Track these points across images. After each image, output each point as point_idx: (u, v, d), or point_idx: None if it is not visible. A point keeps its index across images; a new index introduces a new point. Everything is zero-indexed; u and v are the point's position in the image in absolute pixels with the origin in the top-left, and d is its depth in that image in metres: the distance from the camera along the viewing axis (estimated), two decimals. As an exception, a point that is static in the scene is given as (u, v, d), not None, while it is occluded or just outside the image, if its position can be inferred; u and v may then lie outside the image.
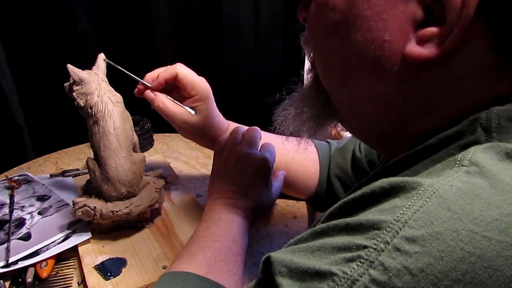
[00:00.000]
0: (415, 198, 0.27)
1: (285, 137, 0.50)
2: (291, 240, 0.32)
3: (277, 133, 0.51)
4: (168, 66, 0.68)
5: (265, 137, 0.69)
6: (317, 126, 0.46)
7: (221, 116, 0.71)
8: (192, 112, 0.67)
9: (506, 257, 0.24)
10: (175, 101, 0.68)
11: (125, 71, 0.68)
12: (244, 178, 0.61)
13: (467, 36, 0.30)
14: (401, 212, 0.26)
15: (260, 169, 0.62)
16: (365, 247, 0.26)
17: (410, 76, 0.33)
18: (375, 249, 0.26)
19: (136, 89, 0.69)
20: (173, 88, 0.69)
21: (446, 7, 0.29)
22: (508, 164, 0.28)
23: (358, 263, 0.26)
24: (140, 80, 0.68)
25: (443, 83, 0.33)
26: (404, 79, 0.34)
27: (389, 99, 0.36)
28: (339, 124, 0.46)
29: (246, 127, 0.69)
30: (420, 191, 0.27)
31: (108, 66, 0.69)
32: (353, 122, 0.43)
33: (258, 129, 0.68)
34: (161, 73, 0.67)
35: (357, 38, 0.34)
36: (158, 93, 0.67)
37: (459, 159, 0.29)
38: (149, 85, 0.68)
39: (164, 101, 0.67)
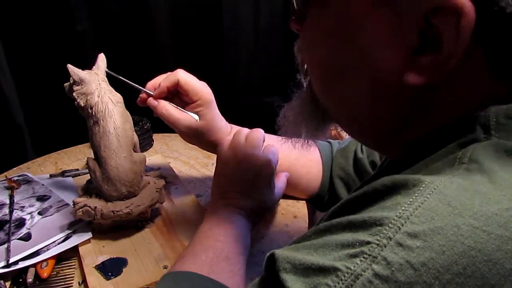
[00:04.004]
0: (416, 194, 0.27)
1: (287, 138, 0.50)
2: (294, 238, 0.32)
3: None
4: (169, 73, 0.68)
5: (268, 139, 0.69)
6: (317, 131, 0.46)
7: (224, 120, 0.71)
8: (196, 117, 0.68)
9: (506, 251, 0.25)
10: (178, 107, 0.68)
11: (127, 80, 0.68)
12: (246, 179, 0.61)
13: (464, 59, 0.30)
14: (403, 208, 0.27)
15: (262, 170, 0.62)
16: (368, 243, 0.26)
17: (408, 95, 0.33)
18: (378, 244, 0.26)
19: (139, 98, 0.69)
20: (175, 94, 0.69)
21: (442, 35, 0.29)
22: (507, 161, 0.29)
23: (361, 258, 0.26)
24: (142, 88, 0.68)
25: (441, 97, 0.33)
26: (402, 98, 0.34)
27: (387, 114, 0.36)
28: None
29: (249, 130, 0.69)
30: (421, 188, 0.27)
31: (110, 77, 0.69)
32: (352, 130, 0.43)
33: (262, 130, 0.68)
34: (163, 81, 0.67)
35: (353, 71, 0.35)
36: (160, 100, 0.68)
37: (459, 157, 0.29)
38: (151, 93, 0.68)
39: (167, 108, 0.67)
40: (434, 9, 0.29)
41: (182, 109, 0.68)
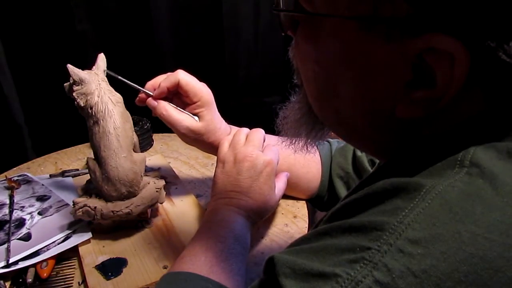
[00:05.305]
0: (417, 199, 0.27)
1: (287, 139, 0.50)
2: (294, 238, 0.32)
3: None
4: (169, 74, 0.68)
5: (268, 139, 0.69)
6: (316, 137, 0.45)
7: (223, 121, 0.71)
8: (196, 118, 0.67)
9: (508, 258, 0.25)
10: (178, 108, 0.68)
11: (126, 80, 0.67)
12: (247, 179, 0.61)
13: (460, 91, 0.29)
14: (404, 213, 0.27)
15: (263, 170, 0.62)
16: (369, 248, 0.26)
17: (403, 122, 0.33)
18: (378, 250, 0.26)
19: (138, 98, 0.69)
20: (175, 95, 0.69)
21: (436, 74, 0.29)
22: (509, 163, 0.28)
23: (362, 264, 0.26)
24: (142, 88, 0.68)
25: (437, 119, 0.32)
26: (397, 121, 0.33)
27: (384, 134, 0.35)
28: None
29: (249, 130, 0.69)
30: (422, 192, 0.27)
31: (110, 77, 0.69)
32: (349, 142, 0.43)
33: (262, 130, 0.68)
34: (163, 81, 0.67)
35: (346, 95, 0.34)
36: (160, 101, 0.67)
37: (459, 159, 0.29)
38: (151, 94, 0.68)
39: (166, 108, 0.67)
40: (428, 49, 0.28)
41: (182, 110, 0.68)
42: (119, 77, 0.68)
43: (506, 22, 0.26)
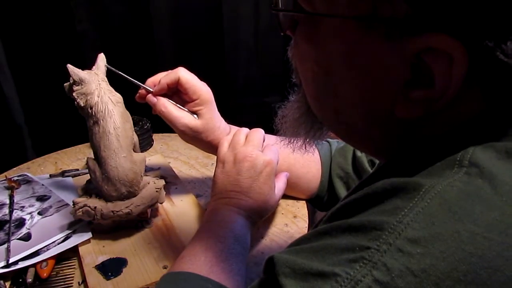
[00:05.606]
0: (416, 199, 0.27)
1: (287, 139, 0.50)
2: (294, 238, 0.32)
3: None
4: (170, 71, 0.68)
5: (268, 139, 0.69)
6: (315, 137, 0.45)
7: (223, 120, 0.71)
8: (195, 116, 0.68)
9: (507, 257, 0.25)
10: (177, 105, 0.68)
11: (126, 76, 0.67)
12: (247, 179, 0.61)
13: (461, 90, 0.29)
14: (403, 213, 0.27)
15: (263, 170, 0.62)
16: (368, 248, 0.26)
17: (402, 122, 0.33)
18: (377, 250, 0.26)
19: (138, 94, 0.69)
20: (175, 92, 0.69)
21: (434, 74, 0.29)
22: (508, 163, 0.29)
23: (361, 264, 0.26)
24: (142, 84, 0.68)
25: (436, 120, 0.32)
26: (396, 122, 0.33)
27: (383, 134, 0.35)
28: None
29: (249, 129, 0.69)
30: (421, 192, 0.27)
31: (110, 71, 0.69)
32: (348, 142, 0.43)
33: (262, 130, 0.68)
34: (163, 77, 0.67)
35: (345, 94, 0.34)
36: (160, 97, 0.67)
37: (458, 159, 0.29)
38: (151, 90, 0.68)
39: (166, 105, 0.67)
40: (427, 49, 0.28)
41: (181, 107, 0.68)
42: (120, 73, 0.68)
43: (504, 22, 0.26)
